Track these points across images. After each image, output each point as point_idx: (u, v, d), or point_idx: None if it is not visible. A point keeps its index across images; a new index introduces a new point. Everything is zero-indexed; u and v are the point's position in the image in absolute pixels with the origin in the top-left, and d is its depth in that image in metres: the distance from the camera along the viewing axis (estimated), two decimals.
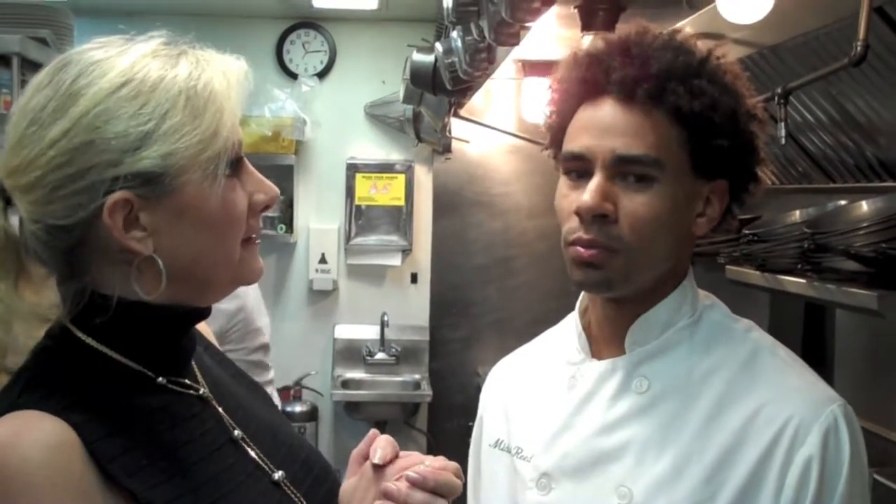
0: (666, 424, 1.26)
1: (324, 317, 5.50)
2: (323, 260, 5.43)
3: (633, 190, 1.23)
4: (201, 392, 1.20)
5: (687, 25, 2.20)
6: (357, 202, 5.44)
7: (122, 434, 1.06)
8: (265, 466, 1.21)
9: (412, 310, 5.53)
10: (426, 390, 5.24)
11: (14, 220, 1.11)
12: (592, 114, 1.27)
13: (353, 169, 5.44)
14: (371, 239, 5.46)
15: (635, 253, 1.24)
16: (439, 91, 3.79)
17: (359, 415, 5.33)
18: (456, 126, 4.98)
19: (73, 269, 1.11)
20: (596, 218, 1.24)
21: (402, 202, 5.44)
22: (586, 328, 1.38)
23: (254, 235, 1.18)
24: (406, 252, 5.49)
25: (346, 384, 5.36)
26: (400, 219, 5.45)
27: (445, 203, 5.43)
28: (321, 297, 5.50)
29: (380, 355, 5.48)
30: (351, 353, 5.48)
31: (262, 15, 5.36)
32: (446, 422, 5.32)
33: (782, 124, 1.91)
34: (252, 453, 1.21)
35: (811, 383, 1.27)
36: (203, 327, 1.38)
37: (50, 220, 1.06)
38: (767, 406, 1.23)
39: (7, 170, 1.08)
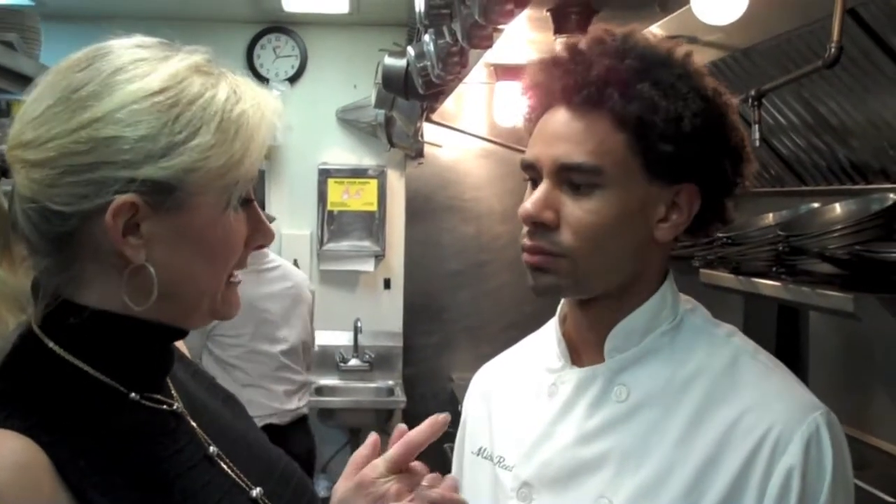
0: (646, 433, 1.24)
1: None
2: (295, 265, 5.38)
3: (578, 197, 1.22)
4: (175, 408, 1.16)
5: (659, 28, 2.20)
6: (329, 207, 5.43)
7: (93, 453, 1.02)
8: (242, 483, 1.18)
9: (385, 316, 5.52)
10: (400, 397, 5.21)
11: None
12: (545, 122, 1.27)
13: (325, 174, 5.43)
14: (344, 244, 5.44)
15: (581, 259, 1.23)
16: (412, 95, 3.77)
17: (333, 422, 5.31)
18: (428, 130, 4.96)
19: (57, 261, 1.07)
20: (537, 225, 1.23)
21: (374, 207, 5.43)
22: (566, 335, 1.36)
23: (237, 273, 1.15)
24: (379, 257, 5.48)
25: (319, 391, 5.32)
26: (373, 224, 5.44)
27: (418, 208, 5.40)
28: None
29: (353, 362, 5.46)
30: (324, 359, 5.45)
31: (233, 19, 5.34)
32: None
33: (756, 127, 1.90)
34: (228, 470, 1.18)
35: (793, 390, 1.25)
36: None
37: (49, 203, 1.02)
38: (748, 413, 1.20)
39: (16, 141, 1.04)
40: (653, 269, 1.29)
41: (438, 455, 1.56)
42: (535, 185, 1.26)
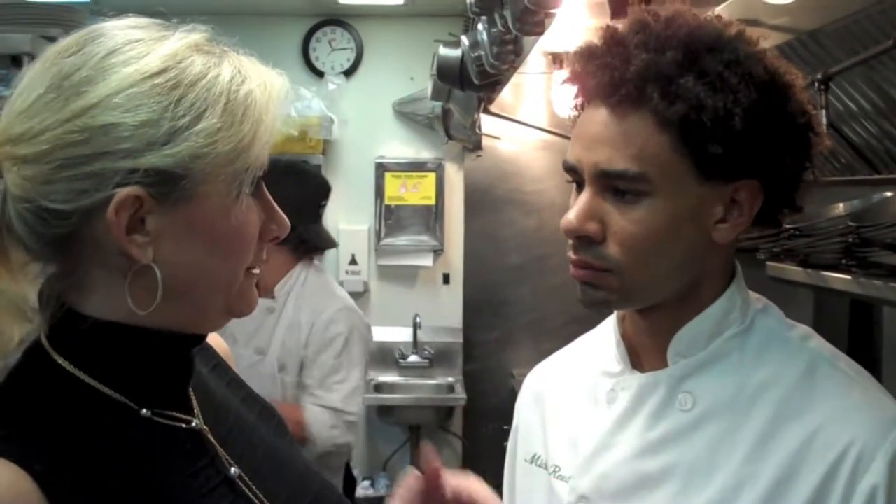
0: (714, 447, 1.14)
1: None
2: (353, 261, 5.36)
3: (624, 205, 1.12)
4: (194, 424, 1.08)
5: (722, 11, 2.10)
6: (387, 202, 5.37)
7: (93, 481, 0.95)
8: None
9: (445, 311, 5.45)
10: (460, 393, 5.14)
11: None
12: (584, 121, 1.16)
13: (382, 168, 5.37)
14: (402, 239, 5.39)
15: (630, 273, 1.13)
16: (467, 86, 3.70)
17: (392, 419, 5.26)
18: (486, 122, 4.87)
19: (59, 265, 1.00)
20: (581, 238, 1.14)
21: (432, 201, 5.37)
22: (625, 337, 1.27)
23: (256, 266, 1.08)
24: (438, 252, 5.41)
25: (378, 388, 5.27)
26: (431, 218, 5.38)
27: (477, 201, 5.31)
28: (352, 300, 5.40)
29: (413, 358, 5.40)
30: (383, 355, 5.40)
31: (288, 13, 5.31)
32: (481, 426, 5.21)
33: (822, 112, 1.79)
34: (251, 494, 1.10)
35: (877, 401, 1.14)
36: (216, 340, 1.28)
37: (45, 202, 0.94)
38: (827, 427, 1.10)
39: (5, 136, 0.96)
40: (716, 271, 1.19)
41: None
42: (579, 187, 1.16)
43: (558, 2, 1.92)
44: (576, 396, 1.31)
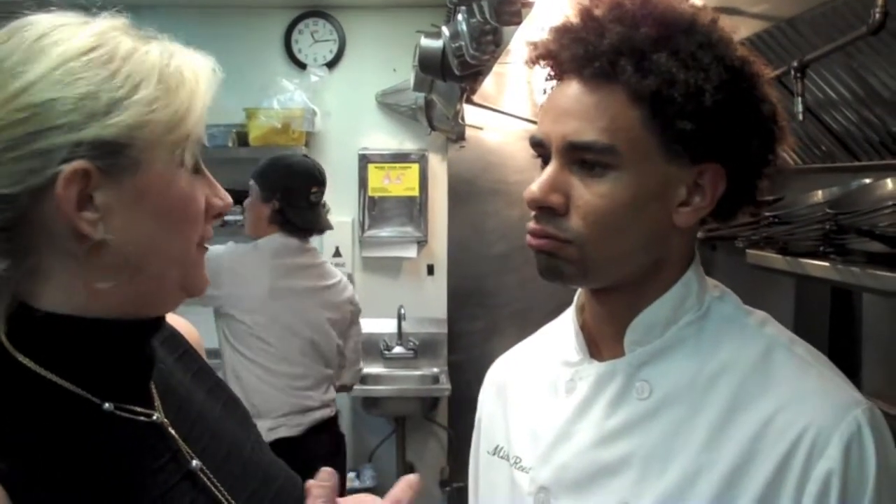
0: (671, 434, 1.14)
1: None
2: (337, 253, 5.34)
3: (589, 179, 1.13)
4: (154, 418, 1.08)
5: None
6: (370, 193, 5.36)
7: (57, 479, 0.95)
8: (226, 502, 1.10)
9: (429, 302, 5.44)
10: (445, 384, 5.14)
11: None
12: (555, 95, 1.17)
13: (365, 159, 5.36)
14: (385, 231, 5.38)
15: (591, 245, 1.14)
16: (449, 77, 3.69)
17: (377, 410, 5.25)
18: (469, 113, 4.87)
19: (10, 255, 0.99)
20: (543, 210, 1.15)
21: (416, 192, 5.36)
22: (583, 326, 1.27)
23: (204, 242, 1.09)
24: (422, 243, 5.41)
25: (363, 379, 5.25)
26: (414, 209, 5.37)
27: (461, 192, 5.31)
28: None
29: (397, 349, 5.40)
30: (368, 347, 5.37)
31: (270, 5, 5.28)
32: (467, 415, 5.15)
33: (799, 99, 1.80)
34: (213, 488, 1.09)
35: (833, 385, 1.14)
36: (185, 327, 1.28)
37: None
38: (782, 412, 1.10)
39: None
40: (675, 256, 1.19)
41: None
42: (545, 163, 1.17)
43: None
44: (537, 387, 1.31)
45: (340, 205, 5.35)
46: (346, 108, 5.37)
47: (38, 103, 0.95)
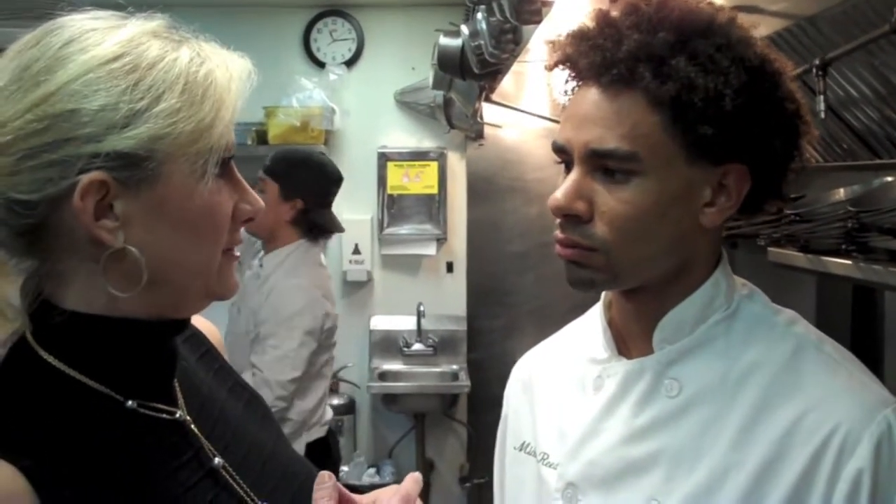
0: (700, 432, 1.15)
1: (359, 308, 5.42)
2: (356, 251, 5.35)
3: (613, 185, 1.13)
4: (178, 416, 1.09)
5: None
6: (389, 191, 5.36)
7: (80, 476, 0.96)
8: (249, 500, 1.11)
9: (449, 299, 5.44)
10: (464, 381, 5.14)
11: None
12: (575, 102, 1.18)
13: (384, 158, 5.37)
14: (405, 228, 5.38)
15: (617, 252, 1.14)
16: (467, 76, 3.70)
17: (397, 407, 5.26)
18: (488, 111, 4.86)
19: (34, 258, 1.01)
20: (569, 217, 1.15)
21: (435, 190, 5.36)
22: (611, 323, 1.27)
23: (233, 248, 1.09)
24: (441, 241, 5.41)
25: (383, 376, 5.28)
26: (433, 207, 5.37)
27: (480, 190, 5.31)
28: (356, 289, 5.42)
29: (417, 346, 5.40)
30: (388, 344, 5.41)
31: (289, 4, 5.29)
32: (486, 413, 5.20)
33: (821, 98, 1.79)
34: (235, 485, 1.11)
35: (863, 384, 1.14)
36: (207, 327, 1.28)
37: (12, 194, 0.96)
38: (812, 412, 1.10)
39: None
40: (703, 256, 1.20)
41: None
42: (568, 169, 1.17)
43: None
44: (564, 384, 1.31)
45: (359, 203, 5.37)
46: (364, 107, 5.37)
47: (57, 114, 0.95)
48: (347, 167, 5.34)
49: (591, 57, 1.14)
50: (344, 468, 4.77)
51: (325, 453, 3.58)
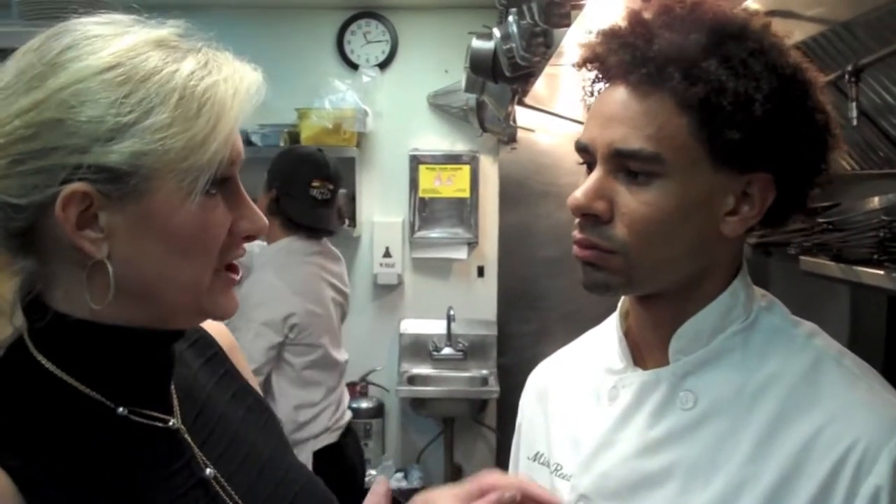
0: (715, 446, 1.12)
1: (389, 311, 5.41)
2: (387, 254, 5.35)
3: (635, 186, 1.10)
4: (170, 424, 1.08)
5: (755, 2, 2.07)
6: (421, 194, 5.35)
7: (68, 480, 0.96)
8: None
9: (479, 304, 5.42)
10: (494, 386, 5.12)
11: None
12: (601, 100, 1.15)
13: (416, 160, 5.35)
14: (436, 232, 5.37)
15: (635, 255, 1.11)
16: (500, 79, 3.68)
17: (425, 411, 5.25)
18: (520, 115, 4.83)
19: (27, 260, 1.01)
20: (588, 217, 1.13)
21: (466, 194, 5.34)
22: (628, 333, 1.25)
23: (231, 266, 1.07)
24: (472, 245, 5.39)
25: (412, 380, 5.27)
26: (465, 211, 5.35)
27: (512, 194, 5.29)
28: (386, 292, 5.42)
29: (446, 350, 5.38)
30: (417, 348, 5.39)
31: (323, 6, 5.29)
32: (515, 419, 5.18)
33: (853, 104, 1.76)
34: (225, 496, 1.10)
35: (883, 399, 1.11)
36: (216, 328, 1.27)
37: (3, 196, 0.96)
38: (830, 426, 1.07)
39: None
40: (722, 265, 1.17)
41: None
42: (590, 169, 1.15)
43: None
44: (579, 393, 1.29)
45: (391, 206, 5.37)
46: (397, 109, 5.37)
47: (45, 122, 0.94)
48: (379, 170, 5.37)
49: (620, 55, 1.11)
50: (371, 471, 4.75)
51: (333, 462, 3.52)
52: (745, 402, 1.13)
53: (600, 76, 1.17)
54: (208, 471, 1.09)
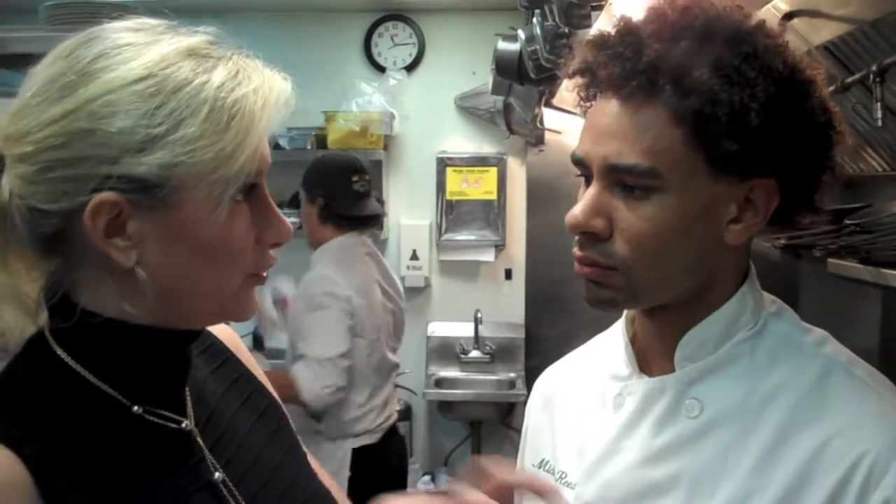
0: (721, 455, 1.10)
1: (416, 314, 5.37)
2: (414, 256, 5.34)
3: (633, 201, 1.08)
4: (184, 425, 1.09)
5: (782, 2, 2.04)
6: (448, 197, 5.34)
7: (79, 472, 0.97)
8: None
9: (507, 307, 5.41)
10: (521, 389, 5.09)
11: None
12: (594, 113, 1.12)
13: (443, 163, 5.35)
14: (463, 234, 5.36)
15: (637, 271, 1.09)
16: (525, 80, 3.67)
17: (452, 414, 5.24)
18: (548, 116, 4.81)
19: (55, 262, 1.02)
20: (587, 235, 1.10)
21: (494, 196, 5.32)
22: (633, 340, 1.23)
23: (260, 272, 1.07)
24: (499, 247, 5.38)
25: (439, 383, 5.26)
26: (492, 213, 5.34)
27: (540, 196, 5.26)
28: (413, 295, 5.40)
29: (474, 353, 5.36)
30: (444, 350, 5.38)
31: (350, 8, 5.30)
32: None
33: (878, 105, 1.72)
34: (232, 500, 1.10)
35: (893, 409, 1.08)
36: (225, 333, 1.27)
37: (32, 201, 0.97)
38: (838, 437, 1.05)
39: (4, 135, 0.99)
40: (728, 273, 1.14)
41: None
42: (587, 182, 1.13)
43: None
44: (585, 400, 1.28)
45: (418, 208, 5.37)
46: (424, 112, 5.36)
47: (75, 132, 0.95)
48: (406, 172, 5.36)
49: (610, 67, 1.08)
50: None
51: (373, 461, 3.56)
52: (752, 411, 1.10)
53: (591, 88, 1.14)
54: (217, 474, 1.10)
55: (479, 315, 5.29)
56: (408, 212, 5.40)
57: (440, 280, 5.45)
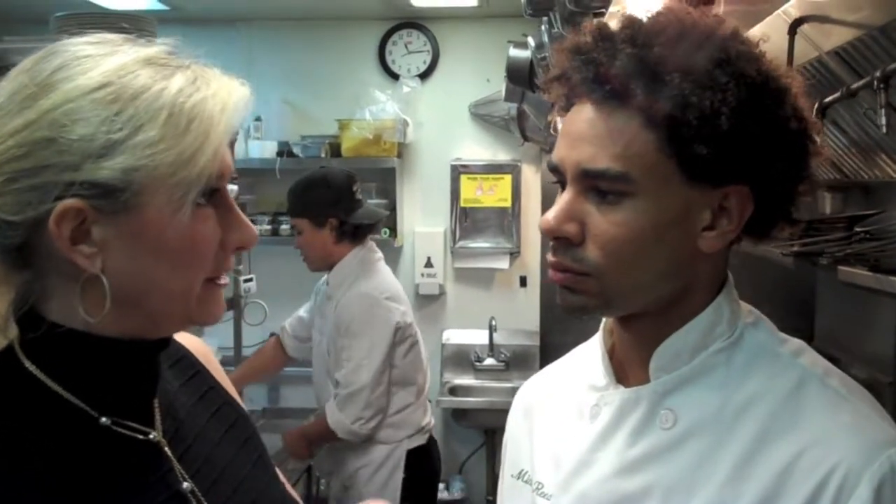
0: (694, 466, 1.09)
1: (431, 322, 5.39)
2: (429, 264, 5.34)
3: (605, 207, 1.07)
4: (151, 436, 1.09)
5: (792, 7, 2.03)
6: (462, 204, 5.34)
7: (44, 485, 0.97)
8: None
9: (522, 314, 5.40)
10: None
11: None
12: (570, 119, 1.11)
13: (457, 170, 5.35)
14: (477, 242, 5.36)
15: (609, 276, 1.08)
16: (537, 88, 3.66)
17: (467, 422, 5.23)
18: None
19: (23, 274, 1.03)
20: (560, 240, 1.09)
21: (508, 203, 5.32)
22: (611, 350, 1.22)
23: (220, 276, 1.08)
24: (514, 255, 5.37)
25: (454, 391, 5.25)
26: (507, 220, 5.33)
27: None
28: (428, 302, 5.41)
29: (489, 361, 5.36)
30: (459, 358, 5.38)
31: (364, 17, 5.31)
32: None
33: (882, 111, 1.71)
34: None
35: (868, 421, 1.07)
36: (195, 345, 1.29)
37: None
38: (811, 449, 1.03)
39: None
40: (703, 281, 1.13)
41: None
42: (563, 188, 1.12)
43: (601, 3, 1.86)
44: (563, 411, 1.27)
45: (432, 216, 5.37)
46: (438, 119, 5.37)
47: (37, 141, 0.96)
48: (420, 179, 5.36)
49: (584, 72, 1.08)
50: None
51: (420, 464, 3.65)
52: (726, 422, 1.09)
53: (567, 94, 1.14)
54: (185, 484, 1.10)
55: (493, 323, 5.28)
56: (422, 219, 5.40)
57: (455, 287, 5.44)
